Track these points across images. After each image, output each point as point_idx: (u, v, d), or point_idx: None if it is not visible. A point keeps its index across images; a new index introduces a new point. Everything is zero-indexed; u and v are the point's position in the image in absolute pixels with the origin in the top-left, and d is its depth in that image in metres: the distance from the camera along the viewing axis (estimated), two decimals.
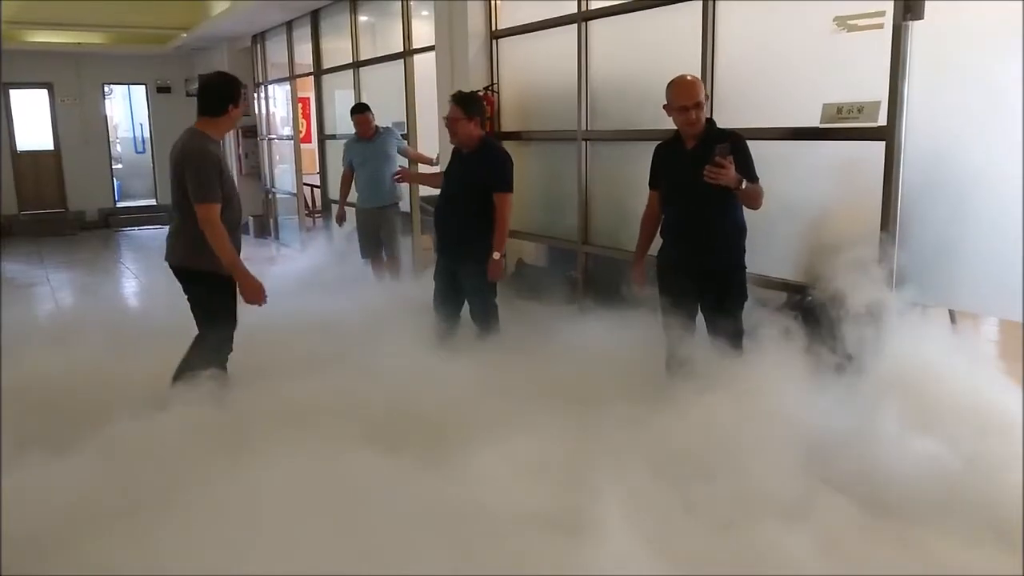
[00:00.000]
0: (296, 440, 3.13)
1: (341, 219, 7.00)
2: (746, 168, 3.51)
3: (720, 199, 3.54)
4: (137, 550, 2.51)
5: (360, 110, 6.54)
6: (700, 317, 3.81)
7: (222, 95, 3.77)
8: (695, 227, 3.69)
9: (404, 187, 6.96)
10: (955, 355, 3.24)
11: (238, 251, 3.85)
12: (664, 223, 3.87)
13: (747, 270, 3.74)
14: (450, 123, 4.48)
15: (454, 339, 4.57)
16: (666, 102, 3.64)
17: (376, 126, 6.52)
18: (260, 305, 3.77)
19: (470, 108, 4.45)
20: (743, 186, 3.44)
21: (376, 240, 6.60)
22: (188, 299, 3.88)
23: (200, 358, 3.79)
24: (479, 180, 4.47)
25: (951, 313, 3.58)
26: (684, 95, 3.56)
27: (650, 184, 3.95)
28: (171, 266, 3.87)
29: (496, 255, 4.48)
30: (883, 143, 3.40)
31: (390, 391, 3.72)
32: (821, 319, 3.50)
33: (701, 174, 3.41)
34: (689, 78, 3.62)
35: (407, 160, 6.86)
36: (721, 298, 3.68)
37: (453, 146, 4.64)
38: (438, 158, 6.51)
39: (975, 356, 3.34)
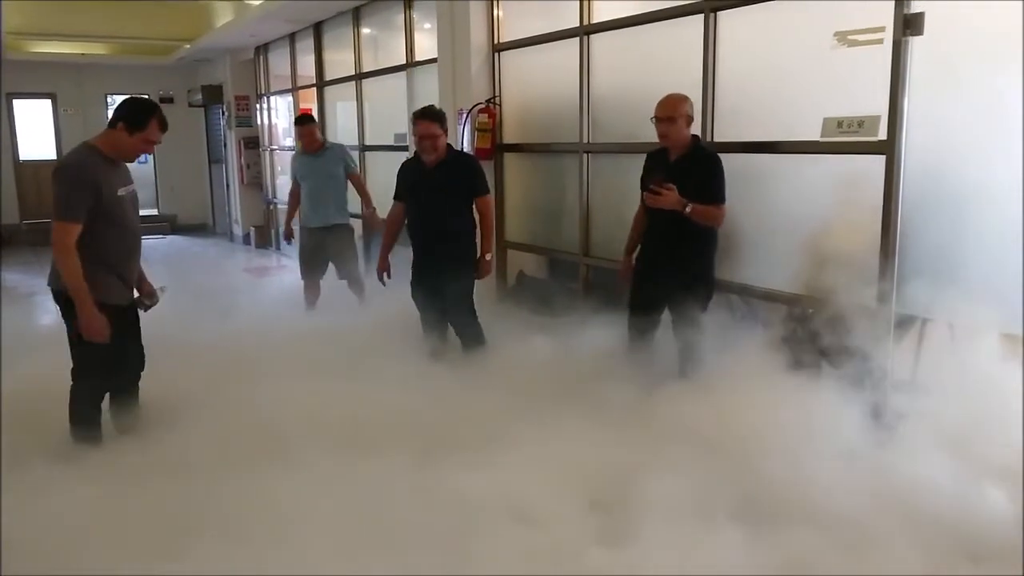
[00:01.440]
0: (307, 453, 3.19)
1: (289, 236, 6.56)
2: (709, 189, 3.80)
3: None
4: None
5: (304, 121, 6.20)
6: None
7: (120, 111, 3.44)
8: (666, 234, 3.94)
9: (351, 206, 6.42)
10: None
11: (130, 285, 3.61)
12: (645, 227, 4.13)
13: (713, 277, 4.03)
14: (430, 140, 4.45)
15: (446, 355, 4.60)
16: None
17: (323, 140, 6.20)
18: (100, 342, 3.38)
19: (444, 122, 4.54)
20: (686, 209, 3.74)
21: (317, 262, 6.12)
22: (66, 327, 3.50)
23: (77, 394, 3.55)
24: (460, 188, 4.54)
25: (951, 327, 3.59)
26: (658, 107, 3.89)
27: (640, 188, 4.12)
28: (51, 290, 3.53)
29: (489, 256, 4.64)
30: (883, 157, 3.41)
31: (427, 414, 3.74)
32: (820, 332, 3.51)
33: (676, 183, 3.76)
34: (672, 95, 3.89)
35: (351, 185, 6.30)
36: (682, 302, 3.89)
37: (407, 165, 4.73)
38: (375, 212, 6.27)
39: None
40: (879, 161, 3.43)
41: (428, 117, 4.49)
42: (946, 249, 3.32)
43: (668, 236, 3.94)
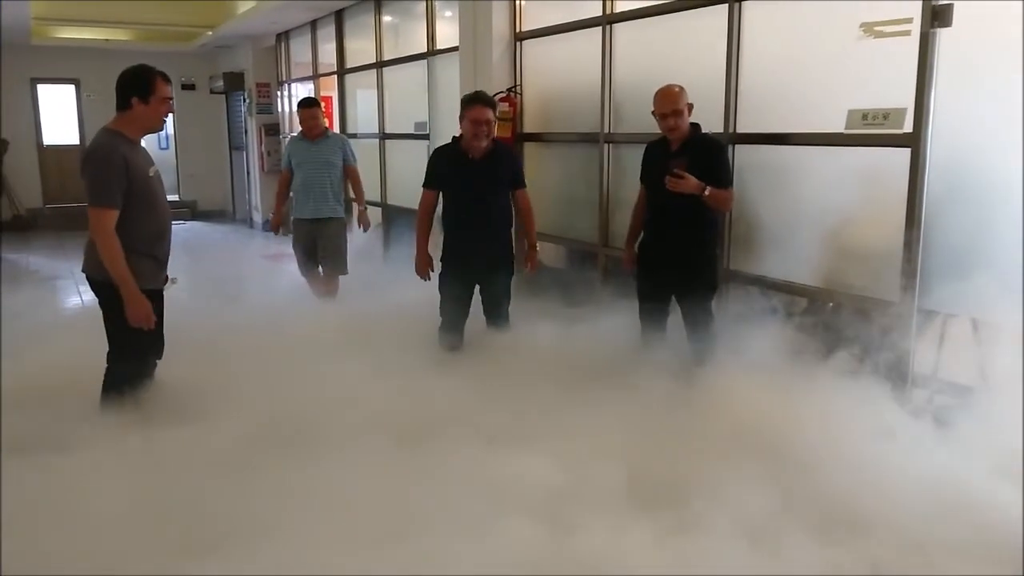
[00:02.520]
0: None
1: (276, 227, 6.20)
2: (717, 174, 3.82)
3: (694, 199, 3.79)
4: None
5: (309, 104, 5.91)
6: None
7: (125, 87, 3.43)
8: (670, 223, 3.97)
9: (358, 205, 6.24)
10: None
11: (164, 265, 3.62)
12: (646, 217, 4.16)
13: (718, 264, 4.13)
14: (486, 126, 4.32)
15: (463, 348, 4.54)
16: (653, 108, 3.92)
17: (325, 128, 5.94)
18: (147, 328, 3.44)
19: (496, 108, 4.47)
20: (706, 192, 3.75)
21: (312, 255, 5.91)
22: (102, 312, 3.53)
23: (112, 379, 3.55)
24: (506, 179, 4.49)
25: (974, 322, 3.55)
26: (663, 103, 3.87)
27: (640, 179, 4.21)
28: (86, 276, 3.55)
29: (537, 247, 4.66)
30: (908, 150, 3.38)
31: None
32: (841, 326, 3.50)
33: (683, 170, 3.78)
34: (671, 88, 3.89)
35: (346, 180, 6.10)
36: (692, 290, 3.96)
37: (444, 151, 4.56)
38: (366, 212, 6.14)
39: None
40: (904, 154, 3.40)
41: (483, 102, 4.34)
42: (970, 244, 3.28)
43: (670, 225, 3.97)
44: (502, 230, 4.53)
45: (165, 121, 3.63)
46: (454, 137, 4.55)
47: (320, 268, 5.97)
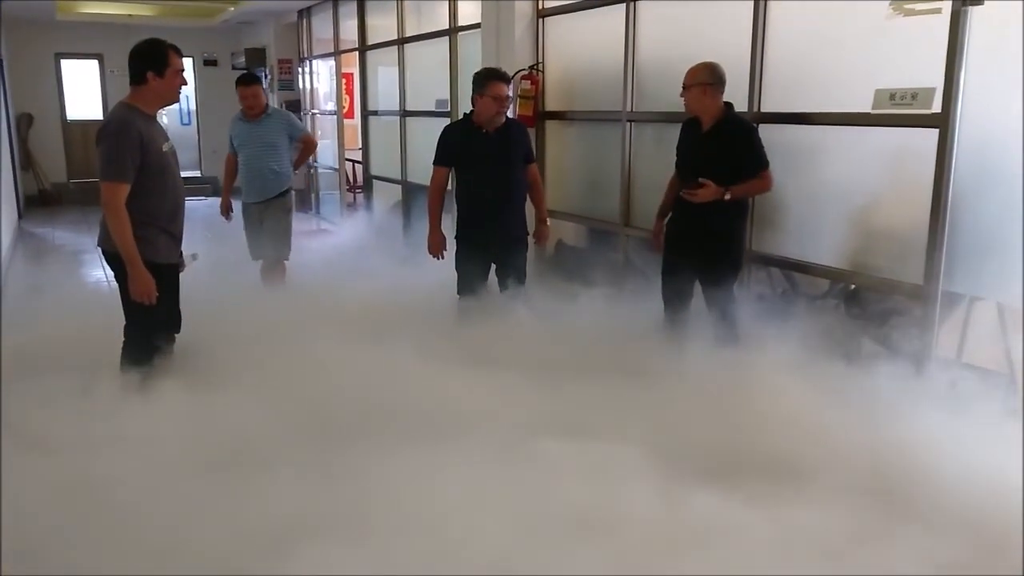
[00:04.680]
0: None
1: (227, 211, 5.85)
2: (749, 160, 3.78)
3: (720, 180, 3.76)
4: None
5: (249, 81, 5.59)
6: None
7: (139, 61, 3.44)
8: (695, 204, 3.86)
9: (293, 170, 5.89)
10: None
11: (179, 241, 3.62)
12: (675, 196, 4.10)
13: (743, 247, 4.05)
14: (505, 102, 4.38)
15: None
16: None
17: (266, 105, 5.62)
18: (148, 303, 3.43)
19: (509, 85, 4.46)
20: (726, 197, 3.76)
21: (263, 238, 5.66)
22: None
23: (128, 350, 3.58)
24: (519, 155, 4.50)
25: (999, 306, 3.52)
26: (684, 77, 3.88)
27: (676, 155, 4.17)
28: (101, 250, 3.58)
29: (548, 220, 4.72)
30: (936, 131, 3.33)
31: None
32: (866, 308, 3.47)
33: (707, 155, 3.81)
34: (697, 64, 3.88)
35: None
36: (714, 270, 3.92)
37: (455, 129, 4.58)
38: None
39: None
40: (932, 135, 3.35)
41: (501, 78, 4.37)
42: (998, 226, 3.24)
43: (697, 205, 3.87)
44: (517, 205, 4.55)
45: (179, 94, 3.62)
46: (466, 114, 4.56)
47: (268, 257, 5.73)
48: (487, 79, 4.36)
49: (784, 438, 2.98)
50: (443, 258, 4.62)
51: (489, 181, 4.43)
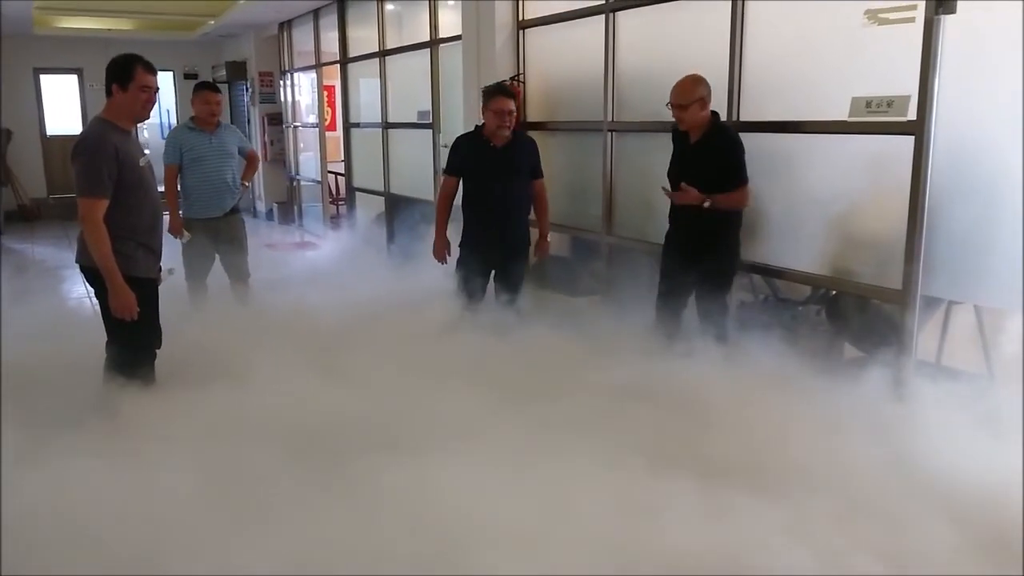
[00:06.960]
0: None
1: (178, 230, 5.18)
2: (729, 173, 3.81)
3: (710, 190, 3.80)
4: None
5: (209, 87, 5.33)
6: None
7: (108, 75, 3.42)
8: (687, 212, 3.94)
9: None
10: None
11: (158, 256, 3.60)
12: (670, 205, 4.14)
13: (736, 255, 4.03)
14: (508, 116, 4.48)
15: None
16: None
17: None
18: (129, 319, 3.40)
19: (517, 99, 4.59)
20: (705, 204, 3.80)
21: (208, 260, 5.28)
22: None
23: (111, 367, 3.55)
24: (527, 168, 4.63)
25: (977, 309, 3.57)
26: (673, 94, 3.89)
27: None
28: (80, 266, 3.53)
29: (549, 237, 4.81)
30: (912, 138, 3.37)
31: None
32: (845, 314, 3.50)
33: (695, 165, 3.85)
34: (685, 80, 3.90)
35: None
36: (708, 280, 3.94)
37: (466, 140, 4.68)
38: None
39: None
40: (908, 142, 3.39)
41: (505, 93, 4.52)
42: (975, 231, 3.28)
43: (691, 213, 3.94)
44: (521, 217, 4.68)
45: (149, 110, 3.59)
46: (477, 126, 4.70)
47: (227, 273, 5.41)
48: (491, 94, 4.56)
49: (768, 444, 3.00)
50: (446, 262, 4.80)
51: (493, 193, 4.58)
